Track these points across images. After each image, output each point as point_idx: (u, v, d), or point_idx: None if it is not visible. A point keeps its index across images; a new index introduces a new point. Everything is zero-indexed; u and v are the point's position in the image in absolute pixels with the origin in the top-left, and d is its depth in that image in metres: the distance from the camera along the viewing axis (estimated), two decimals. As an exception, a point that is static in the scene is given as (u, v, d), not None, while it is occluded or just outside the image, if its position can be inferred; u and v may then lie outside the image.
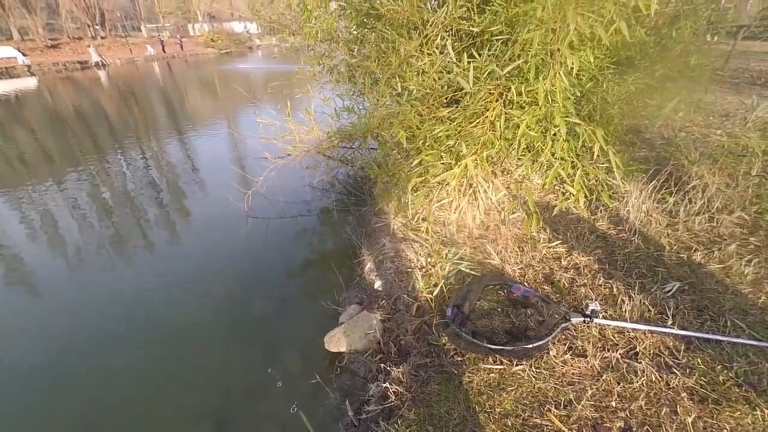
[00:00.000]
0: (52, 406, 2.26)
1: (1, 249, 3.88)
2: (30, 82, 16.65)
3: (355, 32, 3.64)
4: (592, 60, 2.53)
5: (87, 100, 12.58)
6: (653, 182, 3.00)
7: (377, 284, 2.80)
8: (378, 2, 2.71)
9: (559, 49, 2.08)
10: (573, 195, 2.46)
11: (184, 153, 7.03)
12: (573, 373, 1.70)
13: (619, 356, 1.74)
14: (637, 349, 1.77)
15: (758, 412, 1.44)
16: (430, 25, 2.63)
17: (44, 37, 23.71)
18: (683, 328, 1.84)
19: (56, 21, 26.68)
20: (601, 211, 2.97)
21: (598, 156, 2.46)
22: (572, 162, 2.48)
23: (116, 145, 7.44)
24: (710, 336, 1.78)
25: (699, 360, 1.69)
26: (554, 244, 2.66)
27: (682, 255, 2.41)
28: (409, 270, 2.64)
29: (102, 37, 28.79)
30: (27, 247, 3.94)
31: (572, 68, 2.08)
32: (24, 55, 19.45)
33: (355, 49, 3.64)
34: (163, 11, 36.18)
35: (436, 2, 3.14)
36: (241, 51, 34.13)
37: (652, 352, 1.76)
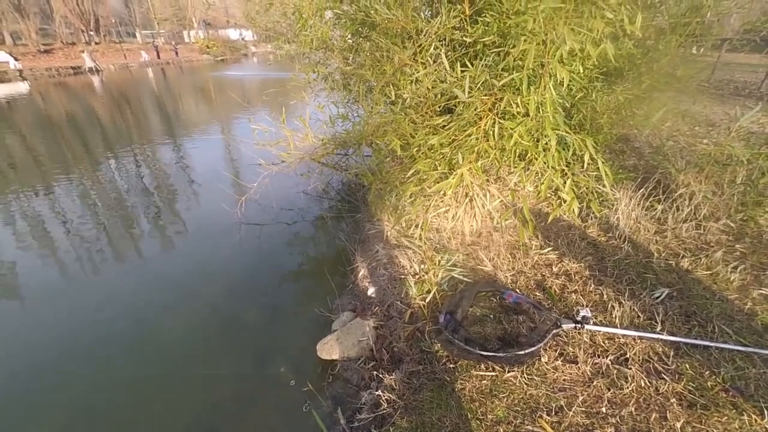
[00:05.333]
0: (36, 418, 2.20)
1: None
2: (21, 87, 16.49)
3: (350, 41, 3.68)
4: (581, 71, 2.59)
5: (80, 106, 12.49)
6: (642, 190, 3.06)
7: (370, 291, 2.80)
8: (373, 11, 2.75)
9: (549, 62, 2.13)
10: (566, 202, 2.50)
11: (178, 159, 6.99)
12: (564, 380, 1.71)
13: (610, 362, 1.75)
14: (627, 355, 1.79)
15: (745, 417, 1.46)
16: (424, 35, 2.67)
17: (37, 42, 23.62)
18: (672, 334, 1.87)
19: (50, 26, 26.57)
20: (591, 219, 3.01)
21: (588, 165, 2.50)
22: (563, 171, 2.52)
23: (109, 152, 7.38)
24: (698, 342, 1.81)
25: (687, 365, 1.71)
26: (546, 250, 2.69)
27: (670, 262, 2.45)
28: (403, 277, 2.65)
29: (96, 43, 28.72)
30: (15, 254, 3.86)
31: (563, 81, 2.13)
32: (16, 59, 19.31)
33: (350, 58, 3.68)
34: (158, 17, 36.23)
35: (430, 12, 3.20)
36: (236, 58, 34.23)
37: (641, 357, 1.78)
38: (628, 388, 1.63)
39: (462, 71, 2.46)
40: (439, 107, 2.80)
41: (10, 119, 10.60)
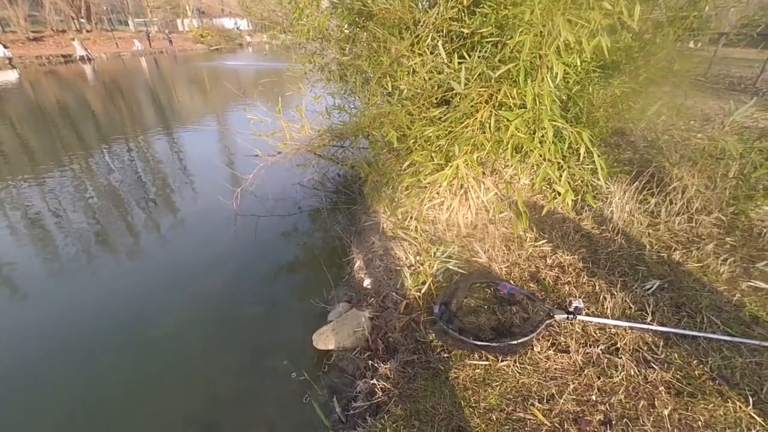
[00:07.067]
0: (36, 417, 2.17)
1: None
2: (11, 76, 16.16)
3: (347, 31, 3.64)
4: (578, 64, 2.59)
5: (71, 95, 12.28)
6: (636, 183, 3.08)
7: (366, 282, 2.81)
8: (370, 1, 2.72)
9: (546, 54, 2.13)
10: (560, 194, 2.51)
11: (172, 150, 6.92)
12: (556, 368, 1.74)
13: (601, 352, 1.79)
14: (618, 345, 1.82)
15: (730, 405, 1.50)
16: (422, 26, 2.65)
17: (26, 29, 23.04)
18: (662, 325, 1.90)
19: (39, 13, 25.90)
20: (586, 211, 3.04)
21: (583, 158, 2.51)
22: (559, 164, 2.53)
23: (101, 142, 7.28)
24: (687, 332, 1.85)
25: (676, 355, 1.75)
26: (540, 243, 2.71)
27: (662, 254, 2.49)
28: (398, 268, 2.66)
29: (87, 31, 28.08)
30: (7, 249, 3.82)
31: (557, 74, 2.13)
32: (5, 47, 18.86)
33: (347, 48, 3.64)
34: (151, 5, 35.49)
35: (428, 3, 3.17)
36: (231, 47, 33.70)
37: (631, 347, 1.81)
38: (617, 376, 1.66)
39: (459, 62, 2.45)
40: (436, 99, 2.79)
41: None
